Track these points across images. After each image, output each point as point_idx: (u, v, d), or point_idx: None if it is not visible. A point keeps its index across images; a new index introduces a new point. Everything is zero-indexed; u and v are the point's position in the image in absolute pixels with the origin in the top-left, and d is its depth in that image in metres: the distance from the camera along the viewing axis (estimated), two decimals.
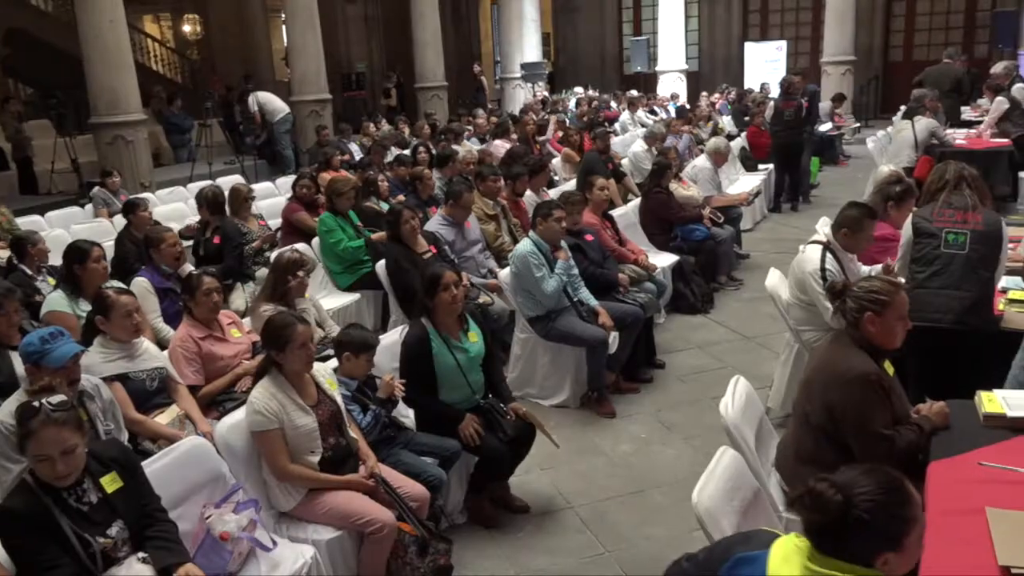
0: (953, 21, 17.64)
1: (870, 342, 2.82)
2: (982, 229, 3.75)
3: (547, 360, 5.01)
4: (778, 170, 9.98)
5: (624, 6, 21.68)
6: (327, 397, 3.28)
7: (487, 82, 19.02)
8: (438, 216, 5.79)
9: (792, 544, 1.81)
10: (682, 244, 6.76)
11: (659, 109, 14.65)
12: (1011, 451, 2.65)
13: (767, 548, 1.83)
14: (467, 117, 12.35)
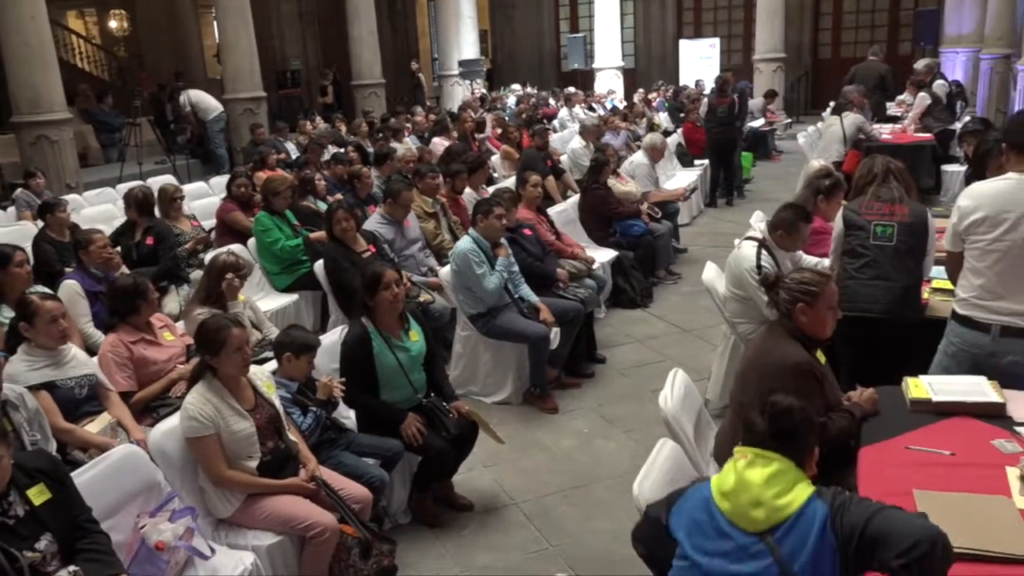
0: (878, 19, 18.19)
1: (803, 332, 2.90)
2: (909, 221, 3.86)
3: (489, 357, 5.01)
4: (713, 165, 10.17)
5: (561, 3, 21.79)
6: (265, 401, 3.22)
7: (425, 79, 18.92)
8: (377, 215, 5.74)
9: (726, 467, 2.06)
10: (621, 239, 6.83)
11: (597, 106, 14.77)
12: (936, 434, 2.75)
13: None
14: (405, 115, 12.25)
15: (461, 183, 6.54)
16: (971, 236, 3.21)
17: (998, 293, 3.14)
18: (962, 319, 3.26)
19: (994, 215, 3.12)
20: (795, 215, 4.16)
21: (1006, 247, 3.10)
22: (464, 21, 17.57)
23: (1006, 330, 3.13)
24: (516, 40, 22.05)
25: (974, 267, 3.21)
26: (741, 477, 2.00)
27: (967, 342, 3.24)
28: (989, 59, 11.60)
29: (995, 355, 3.16)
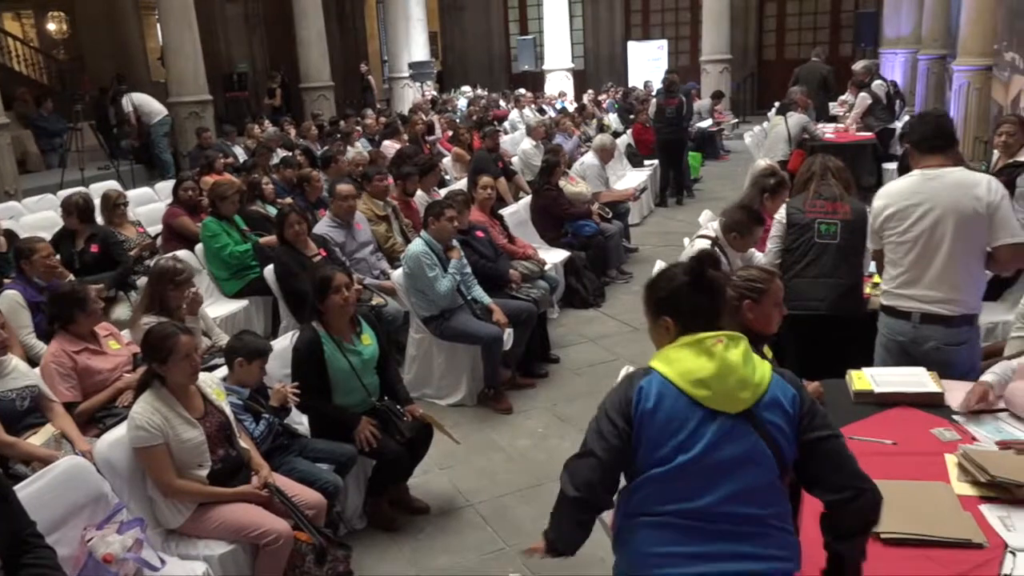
0: (820, 21, 18.61)
1: (749, 328, 2.94)
2: (851, 218, 3.97)
3: (442, 359, 5.01)
4: (663, 165, 10.30)
5: (510, 5, 21.86)
6: (215, 408, 3.18)
7: (375, 82, 18.80)
8: (326, 218, 5.69)
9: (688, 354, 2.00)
10: (573, 240, 6.88)
11: (547, 107, 14.84)
12: (879, 424, 2.83)
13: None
14: (355, 117, 12.16)
15: (412, 185, 6.52)
16: (885, 231, 3.37)
17: (914, 282, 3.29)
18: (887, 309, 3.41)
19: (902, 209, 3.30)
20: (749, 218, 4.23)
21: (914, 237, 3.27)
22: (414, 23, 17.51)
23: (925, 317, 3.27)
24: (466, 42, 22.05)
25: (891, 259, 3.37)
26: (724, 361, 1.95)
27: (893, 330, 3.39)
28: (926, 60, 11.94)
29: (917, 341, 3.30)
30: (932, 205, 3.23)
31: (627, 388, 2.01)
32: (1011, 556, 2.05)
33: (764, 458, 1.94)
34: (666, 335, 2.06)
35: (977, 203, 3.17)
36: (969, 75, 8.70)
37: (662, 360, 2.02)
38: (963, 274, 3.24)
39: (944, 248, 3.21)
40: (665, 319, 2.06)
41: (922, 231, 3.25)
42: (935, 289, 3.25)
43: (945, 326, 3.25)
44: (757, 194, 4.70)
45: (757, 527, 1.94)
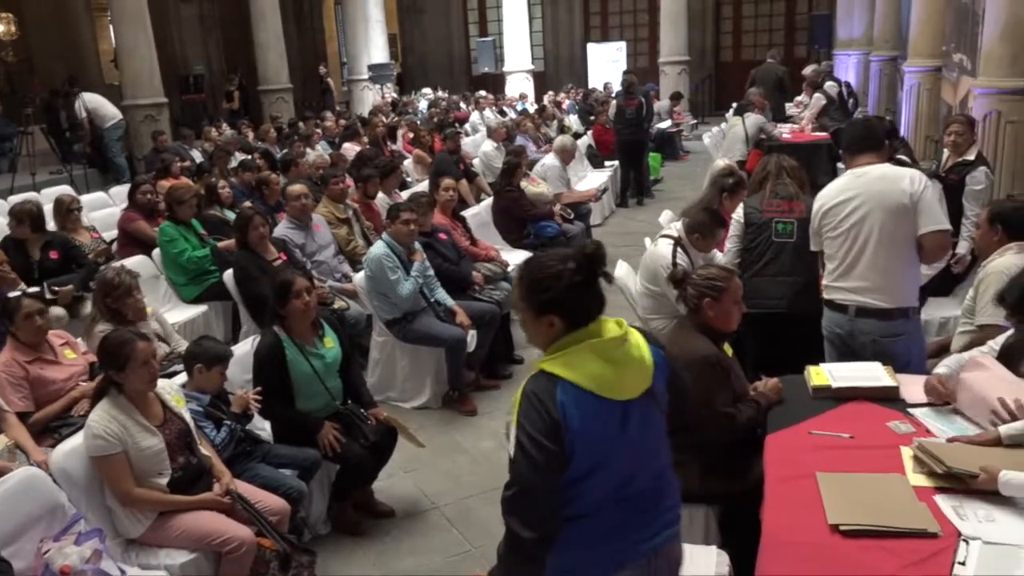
0: (775, 23, 18.93)
1: (710, 326, 3.00)
2: (807, 217, 4.03)
3: (406, 362, 4.99)
4: (623, 166, 10.38)
5: (469, 7, 21.86)
6: (174, 415, 3.13)
7: (334, 84, 18.67)
8: (284, 221, 5.64)
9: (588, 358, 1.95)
10: (535, 241, 6.90)
11: (508, 109, 14.87)
12: (837, 419, 2.89)
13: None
14: (314, 120, 12.06)
15: (373, 188, 6.48)
16: (823, 229, 3.49)
17: (847, 274, 3.39)
18: (827, 303, 3.52)
19: (835, 205, 3.43)
20: (711, 219, 4.29)
21: (845, 230, 3.39)
22: (372, 25, 17.42)
23: (860, 310, 3.37)
24: (426, 44, 22.00)
25: (828, 254, 3.49)
26: (629, 358, 1.96)
27: (833, 323, 3.49)
28: (878, 61, 12.21)
29: (853, 334, 3.40)
30: (862, 200, 3.35)
31: (546, 407, 1.88)
32: (964, 544, 2.11)
33: (661, 419, 2.06)
34: (549, 332, 1.97)
35: (903, 195, 3.27)
36: (919, 76, 8.92)
37: (564, 365, 1.91)
38: (894, 264, 3.34)
39: (873, 239, 3.32)
40: (551, 317, 1.95)
41: (852, 224, 3.37)
42: (867, 280, 3.35)
43: (880, 319, 3.34)
44: (716, 194, 4.76)
45: (666, 479, 2.09)
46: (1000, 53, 5.60)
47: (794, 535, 2.26)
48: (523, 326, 2.07)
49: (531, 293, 1.97)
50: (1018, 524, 2.18)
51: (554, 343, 1.97)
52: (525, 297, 1.99)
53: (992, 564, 2.02)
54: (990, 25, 5.71)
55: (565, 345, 1.95)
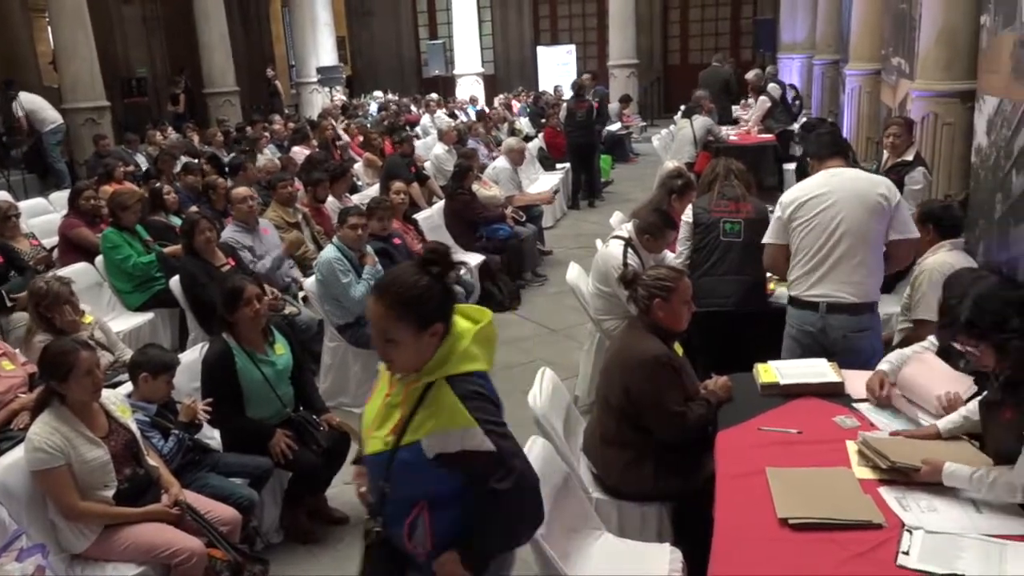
0: (721, 28, 19.26)
1: (660, 326, 3.04)
2: (754, 217, 4.13)
3: (359, 367, 4.95)
4: (574, 169, 10.44)
5: (419, 10, 21.79)
6: (120, 426, 3.06)
7: (282, 87, 18.44)
8: (230, 225, 5.55)
9: None
10: (487, 244, 6.91)
11: (459, 112, 14.85)
12: (785, 415, 2.94)
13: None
14: (263, 123, 11.89)
15: (323, 192, 6.42)
16: (794, 221, 3.51)
17: (818, 268, 3.43)
18: (794, 301, 3.54)
19: (812, 197, 3.48)
20: (661, 221, 4.35)
21: (820, 223, 3.42)
22: (320, 27, 17.27)
23: (831, 306, 3.42)
24: (375, 46, 21.86)
25: (798, 248, 3.50)
26: (494, 333, 2.07)
27: (801, 321, 3.52)
28: (821, 64, 12.47)
29: (825, 331, 3.44)
30: (839, 196, 3.43)
31: (488, 398, 2.01)
32: (908, 534, 2.17)
33: None
34: (433, 341, 1.96)
35: (881, 198, 3.40)
36: (860, 79, 9.13)
37: (467, 360, 1.98)
38: (866, 260, 3.42)
39: (848, 234, 3.38)
40: (436, 326, 1.96)
41: (828, 217, 3.41)
42: (839, 275, 3.39)
43: (850, 314, 3.41)
44: (665, 195, 4.82)
45: None
46: (936, 57, 5.76)
47: (745, 530, 2.30)
48: (394, 354, 1.98)
49: (410, 311, 1.93)
50: (958, 513, 2.25)
51: (438, 349, 1.97)
52: (403, 318, 1.92)
53: (934, 552, 2.09)
54: (926, 30, 5.87)
55: (453, 346, 1.97)
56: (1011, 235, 4.69)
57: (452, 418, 1.92)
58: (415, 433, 1.95)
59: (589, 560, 2.68)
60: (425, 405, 1.96)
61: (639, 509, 3.05)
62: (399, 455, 1.97)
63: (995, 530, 2.16)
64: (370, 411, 2.13)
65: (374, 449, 2.04)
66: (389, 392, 2.06)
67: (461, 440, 1.93)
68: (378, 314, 1.96)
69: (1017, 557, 2.05)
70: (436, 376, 1.96)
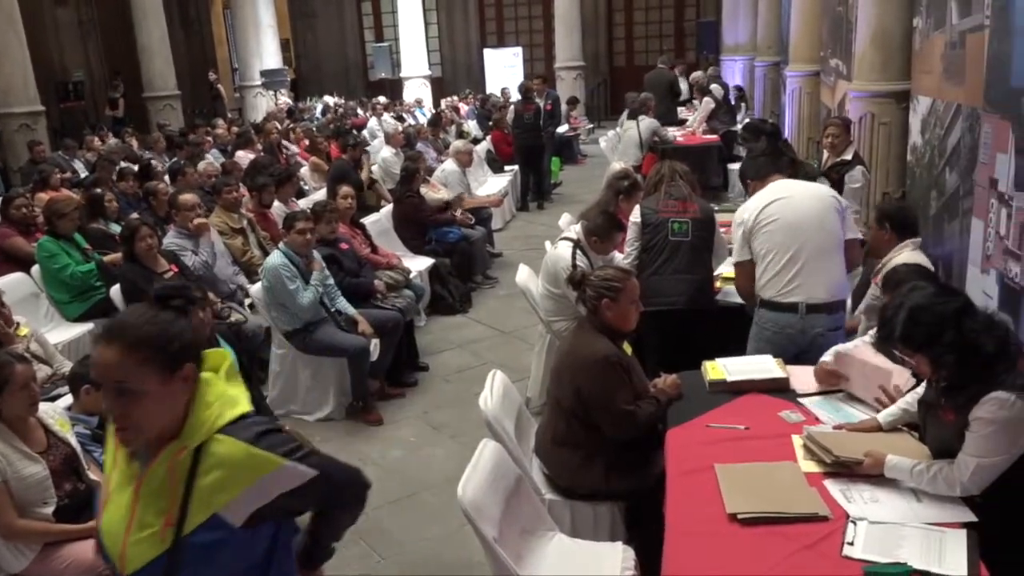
0: (665, 30, 19.50)
1: (609, 326, 3.06)
2: (700, 217, 4.19)
3: (308, 374, 4.89)
4: (523, 171, 10.47)
5: (364, 12, 21.62)
6: (59, 440, 2.96)
7: (225, 90, 18.13)
8: (172, 231, 5.43)
9: None
10: (437, 247, 6.89)
11: (406, 115, 14.78)
12: (733, 411, 2.99)
13: None
14: (205, 127, 11.68)
15: (268, 196, 6.32)
16: (758, 228, 3.54)
17: (790, 270, 3.47)
18: (772, 304, 3.53)
19: (772, 201, 3.55)
20: (608, 223, 4.39)
21: (788, 224, 3.50)
22: (264, 30, 17.03)
23: (811, 307, 3.46)
24: (320, 49, 21.64)
25: (767, 251, 3.52)
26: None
27: (780, 324, 3.51)
28: (762, 66, 12.70)
29: (805, 331, 3.47)
30: (797, 198, 3.56)
31: (276, 430, 1.68)
32: (852, 525, 2.22)
33: None
34: (186, 386, 1.62)
35: (833, 199, 3.59)
36: (800, 80, 9.33)
37: (232, 403, 1.65)
38: (833, 257, 3.51)
39: (813, 232, 3.48)
40: (187, 368, 1.61)
41: (793, 217, 3.50)
42: (813, 273, 3.45)
43: (828, 313, 3.48)
44: (612, 196, 4.87)
45: None
46: (872, 58, 5.91)
47: (696, 527, 2.32)
48: (137, 414, 1.57)
49: (154, 351, 1.57)
50: (900, 503, 2.31)
51: (195, 402, 1.62)
52: (146, 362, 1.55)
53: (878, 542, 2.14)
54: (862, 32, 6.03)
55: (209, 392, 1.64)
56: (945, 231, 4.84)
57: (257, 467, 1.59)
58: (206, 508, 1.57)
59: (543, 561, 2.68)
60: (205, 471, 1.58)
61: (592, 509, 3.06)
62: (190, 544, 1.57)
63: (935, 519, 2.22)
64: (110, 520, 1.65)
65: (143, 560, 1.58)
66: (138, 480, 1.61)
67: (278, 484, 1.61)
68: (110, 362, 1.55)
69: (955, 544, 2.11)
70: (206, 433, 1.59)
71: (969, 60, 4.37)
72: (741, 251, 3.64)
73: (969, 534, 2.14)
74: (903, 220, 3.70)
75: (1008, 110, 3.74)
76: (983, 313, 2.30)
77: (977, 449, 2.21)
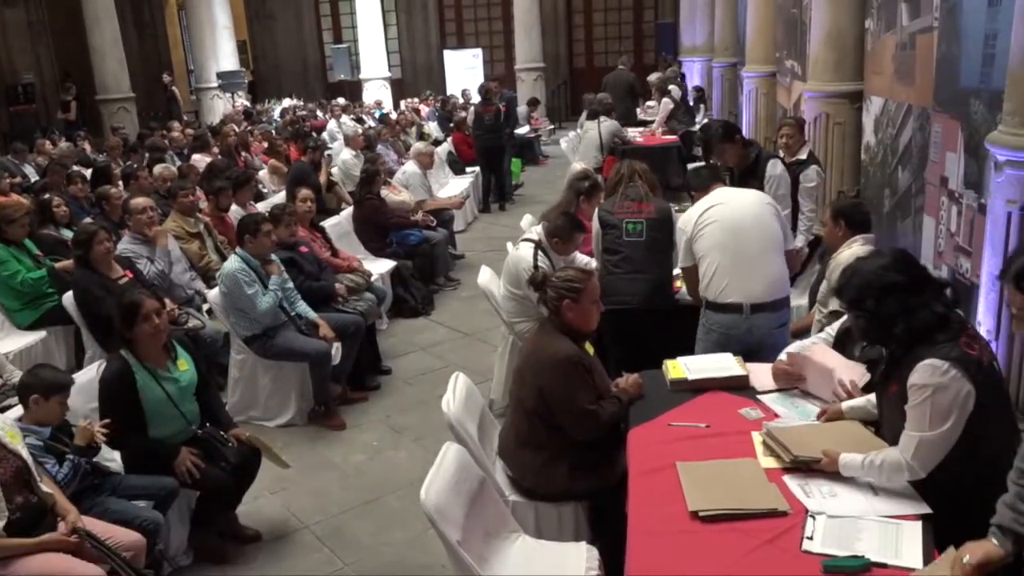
0: (624, 31, 19.61)
1: (570, 327, 3.07)
2: (655, 217, 4.22)
3: (268, 379, 4.83)
4: (484, 172, 10.47)
5: (322, 13, 21.41)
6: (8, 452, 2.88)
7: (180, 93, 17.85)
8: (127, 236, 5.32)
9: None
10: (398, 249, 6.85)
11: (366, 117, 14.67)
12: (694, 409, 3.02)
13: None
14: (160, 131, 11.48)
15: (225, 200, 6.23)
16: (698, 232, 3.65)
17: (733, 270, 3.54)
18: (716, 306, 3.59)
19: (710, 207, 3.69)
20: (569, 224, 4.41)
21: (728, 224, 3.60)
22: (220, 31, 16.79)
23: (755, 307, 3.53)
24: (278, 50, 21.39)
25: (708, 251, 3.60)
26: None
27: (726, 324, 3.57)
28: (720, 67, 12.86)
29: (751, 331, 3.54)
30: (736, 202, 3.68)
31: None
32: (811, 519, 2.25)
33: None
34: None
35: (770, 204, 3.72)
36: (756, 81, 9.45)
37: None
38: (773, 257, 3.60)
39: (753, 232, 3.58)
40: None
41: (732, 219, 3.61)
42: (754, 273, 3.54)
43: (771, 311, 3.55)
44: (573, 197, 4.89)
45: None
46: (825, 59, 6.02)
47: (658, 525, 2.34)
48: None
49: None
50: (857, 497, 2.35)
51: None
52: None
53: (836, 535, 2.17)
54: (815, 34, 6.13)
55: None
56: (899, 229, 4.94)
57: None
58: None
59: (506, 562, 2.68)
60: None
61: (556, 509, 3.07)
62: None
63: (891, 511, 2.26)
64: None
65: None
66: None
67: None
68: None
69: (911, 535, 2.15)
70: None
71: (919, 61, 4.46)
72: (685, 257, 3.76)
73: (924, 526, 2.19)
74: (856, 216, 3.78)
75: (957, 110, 3.83)
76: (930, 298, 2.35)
77: (915, 422, 2.27)
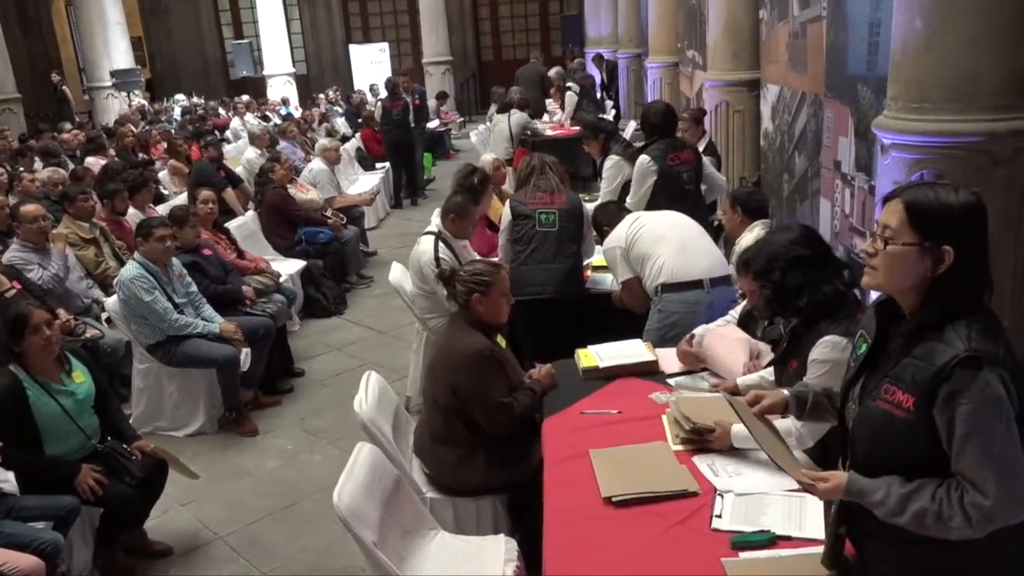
0: (531, 24, 19.74)
1: (481, 320, 3.06)
2: (567, 208, 4.27)
3: (174, 388, 4.66)
4: (394, 167, 10.36)
5: (221, 8, 20.81)
6: None
7: (72, 92, 17.04)
8: (15, 245, 5.04)
9: None
10: (308, 248, 6.71)
11: (271, 114, 14.32)
12: (606, 397, 3.05)
13: None
14: (51, 133, 10.93)
15: (121, 203, 5.97)
16: (635, 235, 3.77)
17: (684, 253, 3.69)
18: (675, 286, 3.65)
19: (634, 218, 3.90)
20: (464, 199, 4.44)
21: (655, 221, 3.81)
22: (112, 27, 16.11)
23: (714, 281, 3.65)
24: (175, 47, 20.68)
25: (654, 243, 3.74)
26: None
27: (688, 304, 3.63)
28: (625, 58, 13.07)
29: (712, 305, 3.61)
30: (656, 214, 4.00)
31: None
32: (720, 498, 2.31)
33: None
34: None
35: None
36: (660, 71, 9.64)
37: None
38: (708, 240, 3.87)
39: (685, 222, 3.86)
40: None
41: (661, 220, 3.86)
42: (703, 250, 3.76)
43: (727, 284, 3.68)
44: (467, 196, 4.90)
45: None
46: (723, 49, 6.18)
47: (574, 513, 2.35)
48: None
49: None
50: (762, 474, 2.41)
51: None
52: None
53: (743, 512, 2.23)
54: (713, 24, 6.29)
55: None
56: (798, 211, 5.11)
57: None
58: None
59: (425, 560, 2.66)
60: None
61: (474, 504, 3.06)
62: None
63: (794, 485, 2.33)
64: None
65: None
66: None
67: None
68: None
69: (814, 507, 2.22)
70: None
71: (810, 50, 4.62)
72: (623, 272, 3.85)
73: None
74: (752, 203, 3.90)
75: (846, 96, 3.97)
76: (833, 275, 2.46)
77: None
